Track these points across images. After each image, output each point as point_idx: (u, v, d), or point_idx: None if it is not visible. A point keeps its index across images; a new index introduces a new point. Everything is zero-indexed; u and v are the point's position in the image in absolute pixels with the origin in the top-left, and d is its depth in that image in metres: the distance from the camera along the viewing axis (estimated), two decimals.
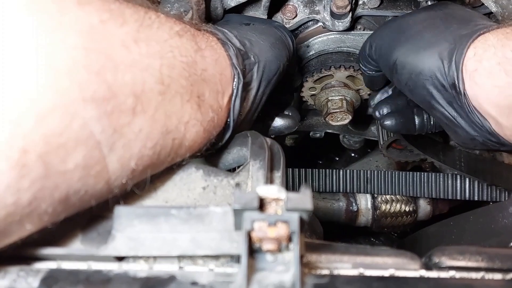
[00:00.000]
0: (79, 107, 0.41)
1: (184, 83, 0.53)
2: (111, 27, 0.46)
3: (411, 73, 0.72)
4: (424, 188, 1.06)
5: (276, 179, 0.57)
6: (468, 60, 0.65)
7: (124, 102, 0.45)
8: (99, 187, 0.46)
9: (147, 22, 0.51)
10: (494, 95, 0.64)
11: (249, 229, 0.42)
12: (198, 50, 0.57)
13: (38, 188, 0.40)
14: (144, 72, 0.48)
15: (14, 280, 0.45)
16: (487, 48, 0.64)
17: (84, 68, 0.42)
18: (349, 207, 1.15)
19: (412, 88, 0.74)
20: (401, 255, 0.51)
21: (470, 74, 0.65)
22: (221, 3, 0.83)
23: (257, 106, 0.71)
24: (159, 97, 0.49)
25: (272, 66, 0.71)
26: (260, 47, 0.70)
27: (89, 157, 0.43)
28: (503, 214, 0.74)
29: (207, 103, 0.57)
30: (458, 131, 0.72)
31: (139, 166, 0.48)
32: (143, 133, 0.47)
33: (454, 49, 0.67)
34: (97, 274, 0.46)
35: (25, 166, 0.39)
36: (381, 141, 1.09)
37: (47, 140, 0.39)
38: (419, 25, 0.75)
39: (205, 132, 0.57)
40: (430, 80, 0.69)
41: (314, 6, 0.94)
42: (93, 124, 0.42)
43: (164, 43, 0.52)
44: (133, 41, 0.48)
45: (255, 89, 0.69)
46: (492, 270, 0.48)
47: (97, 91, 0.43)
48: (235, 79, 0.62)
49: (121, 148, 0.45)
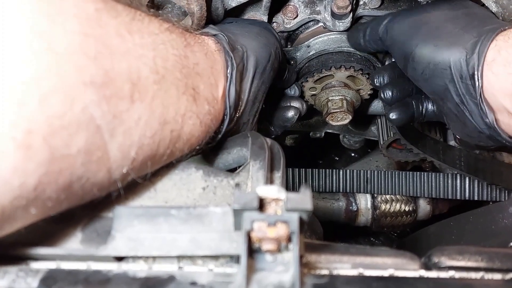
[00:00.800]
0: (79, 91, 0.42)
1: (178, 75, 0.54)
2: (106, 17, 0.47)
3: (429, 62, 0.73)
4: (424, 188, 1.06)
5: (276, 180, 0.57)
6: (489, 51, 0.67)
7: (121, 89, 0.46)
8: (100, 175, 0.46)
9: (138, 17, 0.52)
10: (509, 83, 0.65)
11: (249, 229, 0.42)
12: (188, 46, 0.59)
13: (43, 172, 0.41)
14: (138, 60, 0.49)
15: (13, 280, 0.45)
16: (507, 40, 0.66)
17: (83, 52, 0.43)
18: (349, 206, 1.15)
19: (428, 78, 0.75)
20: (401, 255, 0.51)
21: (489, 64, 0.66)
22: (222, 4, 0.83)
23: (256, 95, 0.71)
24: (155, 86, 0.50)
25: (262, 53, 0.72)
26: (244, 38, 0.72)
27: (91, 142, 0.43)
28: (503, 214, 0.74)
29: (202, 95, 0.58)
30: (468, 123, 0.73)
31: (139, 155, 0.49)
32: (142, 121, 0.48)
33: (478, 41, 0.68)
34: (97, 274, 0.46)
35: (30, 147, 0.39)
36: (381, 141, 1.09)
37: (51, 122, 0.40)
38: (442, 18, 0.76)
39: (203, 125, 0.58)
40: (448, 70, 0.70)
41: (315, 6, 0.94)
42: (93, 108, 0.43)
43: (155, 36, 0.53)
44: (127, 31, 0.49)
45: (250, 77, 0.70)
46: (491, 270, 0.48)
47: (95, 75, 0.43)
48: (229, 66, 0.64)
49: (121, 135, 0.46)
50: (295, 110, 0.89)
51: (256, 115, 0.74)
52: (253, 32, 0.76)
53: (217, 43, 0.65)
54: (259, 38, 0.75)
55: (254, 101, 0.72)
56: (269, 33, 0.80)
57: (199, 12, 0.75)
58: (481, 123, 0.70)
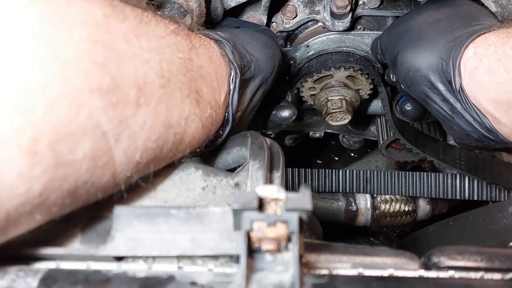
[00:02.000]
0: (85, 97, 0.42)
1: (182, 78, 0.54)
2: (113, 22, 0.47)
3: (409, 69, 0.73)
4: (424, 188, 1.06)
5: (276, 179, 0.57)
6: (468, 60, 0.66)
7: (128, 94, 0.46)
8: (105, 179, 0.46)
9: (145, 20, 0.52)
10: (493, 91, 0.64)
11: (249, 229, 0.42)
12: (193, 48, 0.59)
13: (49, 178, 0.41)
14: (145, 65, 0.49)
15: (13, 280, 0.45)
16: (488, 47, 0.65)
17: (90, 59, 0.43)
18: (349, 206, 1.15)
19: (409, 84, 0.75)
20: (400, 255, 0.51)
21: (470, 72, 0.66)
22: (221, 4, 0.83)
23: (255, 104, 0.72)
24: (160, 90, 0.50)
25: (267, 64, 0.72)
26: (253, 47, 0.72)
27: (97, 148, 0.44)
28: (503, 214, 0.74)
29: (205, 99, 0.58)
30: (454, 127, 0.73)
31: (144, 159, 0.49)
32: (147, 125, 0.48)
33: (453, 47, 0.68)
34: (96, 274, 0.46)
35: (36, 154, 0.39)
36: (380, 141, 1.09)
37: (57, 129, 0.40)
38: (424, 22, 0.76)
39: (204, 128, 0.58)
40: (427, 77, 0.71)
41: (314, 6, 0.94)
42: (100, 114, 0.43)
43: (161, 39, 0.53)
44: (134, 36, 0.49)
45: (253, 86, 0.70)
46: (491, 270, 0.48)
47: (102, 82, 0.44)
48: (232, 74, 0.64)
49: (126, 140, 0.46)
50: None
51: (247, 120, 0.75)
52: (260, 42, 0.76)
53: (221, 49, 0.65)
54: (266, 50, 0.75)
55: (252, 110, 0.72)
56: (274, 44, 0.80)
57: (197, 9, 0.75)
58: (468, 126, 0.70)
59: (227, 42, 0.66)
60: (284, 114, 0.93)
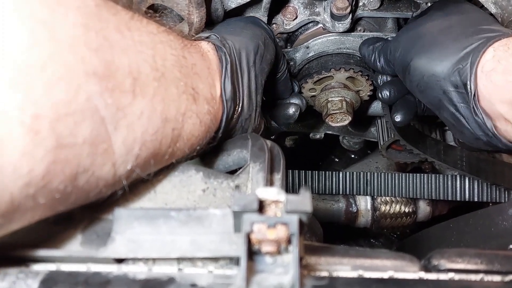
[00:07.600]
0: (82, 80, 0.42)
1: (177, 74, 0.55)
2: (105, 13, 0.48)
3: (423, 74, 0.75)
4: (424, 189, 1.06)
5: (276, 181, 0.57)
6: (486, 62, 0.68)
7: (123, 82, 0.46)
8: (106, 169, 0.46)
9: (136, 18, 0.52)
10: (508, 91, 0.65)
11: (249, 231, 0.42)
12: (185, 47, 0.60)
13: (51, 160, 0.41)
14: (138, 57, 0.49)
15: (14, 282, 0.45)
16: (507, 50, 0.67)
17: (84, 44, 0.43)
18: (349, 208, 1.15)
19: (423, 89, 0.76)
20: (400, 258, 0.51)
21: (487, 73, 0.67)
22: (222, 5, 0.83)
23: (250, 88, 0.72)
24: (155, 83, 0.50)
25: (249, 46, 0.73)
26: (230, 34, 0.73)
27: (96, 134, 0.44)
28: (503, 216, 0.74)
29: (201, 95, 0.58)
30: (465, 131, 0.74)
31: (143, 152, 0.49)
32: (145, 116, 0.49)
33: (470, 53, 0.69)
34: (96, 276, 0.46)
35: (38, 133, 0.39)
36: (381, 142, 1.09)
37: (56, 108, 0.40)
38: (436, 29, 0.77)
39: (202, 124, 0.58)
40: (441, 81, 0.72)
41: (314, 7, 0.94)
42: (97, 98, 0.43)
43: (153, 35, 0.54)
44: (126, 28, 0.49)
45: (245, 71, 0.71)
46: (491, 272, 0.49)
47: (97, 67, 0.44)
48: (223, 62, 0.65)
49: (125, 128, 0.47)
50: (295, 107, 0.91)
51: (257, 110, 0.74)
52: (238, 27, 0.78)
53: (209, 42, 0.67)
54: (244, 32, 0.76)
55: (251, 95, 0.72)
56: (254, 26, 0.82)
57: (198, 23, 0.76)
58: (478, 130, 0.71)
59: (214, 34, 0.68)
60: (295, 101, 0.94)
